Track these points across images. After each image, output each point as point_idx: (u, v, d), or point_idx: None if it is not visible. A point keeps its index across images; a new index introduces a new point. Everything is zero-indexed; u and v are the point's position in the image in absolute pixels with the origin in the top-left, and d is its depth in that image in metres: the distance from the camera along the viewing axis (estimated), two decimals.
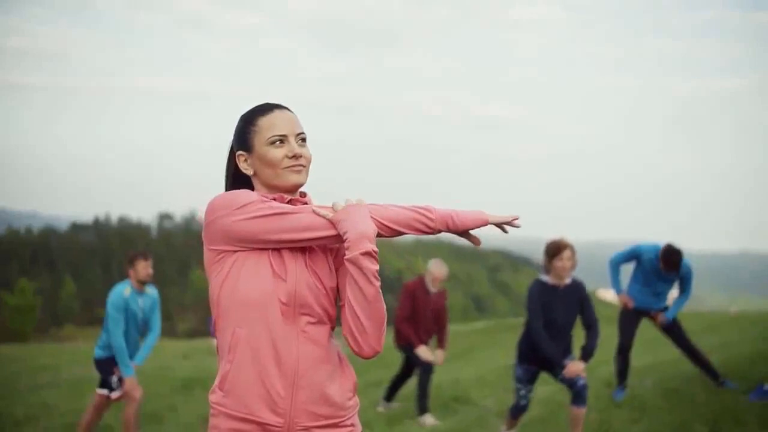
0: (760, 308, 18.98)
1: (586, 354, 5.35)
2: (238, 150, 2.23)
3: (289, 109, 2.23)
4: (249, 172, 2.21)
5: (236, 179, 2.27)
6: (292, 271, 2.10)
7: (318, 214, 2.09)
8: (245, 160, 2.21)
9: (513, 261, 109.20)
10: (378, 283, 2.06)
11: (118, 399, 6.23)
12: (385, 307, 2.10)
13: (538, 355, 5.38)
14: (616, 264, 7.03)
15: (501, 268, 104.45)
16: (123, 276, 6.45)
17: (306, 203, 2.21)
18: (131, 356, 6.20)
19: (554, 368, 5.39)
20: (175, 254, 66.82)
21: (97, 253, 69.41)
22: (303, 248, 2.13)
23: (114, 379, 6.15)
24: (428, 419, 7.12)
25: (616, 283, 7.09)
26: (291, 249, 2.11)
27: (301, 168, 2.17)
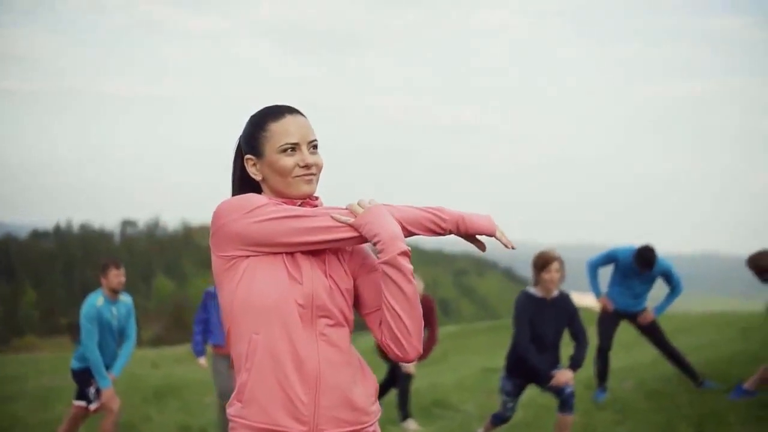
0: (726, 309, 19.26)
1: (575, 364, 5.32)
2: (247, 154, 2.15)
3: (301, 114, 2.15)
4: (258, 177, 2.14)
5: (243, 183, 2.19)
6: (308, 274, 2.03)
7: (336, 219, 2.02)
8: (254, 165, 2.14)
9: (479, 265, 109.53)
10: (414, 283, 2.02)
11: (96, 411, 6.09)
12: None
13: (527, 368, 5.34)
14: (593, 267, 7.06)
15: (466, 272, 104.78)
16: (85, 284, 6.37)
17: (316, 207, 2.14)
18: (108, 367, 6.07)
19: (541, 380, 5.35)
20: (138, 261, 65.81)
21: (58, 260, 68.19)
22: (318, 251, 2.07)
23: (92, 390, 6.02)
24: (411, 425, 7.07)
25: (594, 287, 7.12)
26: (305, 252, 2.05)
27: (312, 177, 2.11)
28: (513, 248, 2.22)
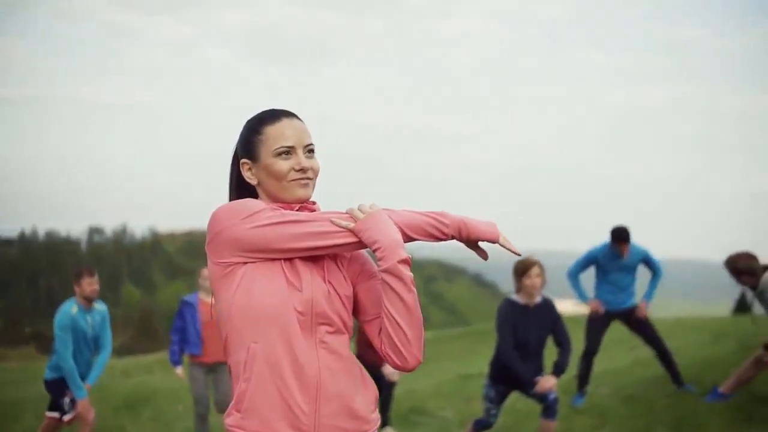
0: (694, 314, 19.51)
1: (559, 370, 5.32)
2: (242, 158, 2.12)
3: (297, 117, 2.12)
4: (253, 181, 2.11)
5: (240, 188, 2.15)
6: (307, 281, 1.99)
7: (335, 224, 1.99)
8: (249, 169, 2.10)
9: (447, 271, 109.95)
10: (415, 291, 1.99)
11: (70, 422, 5.97)
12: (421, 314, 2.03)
13: (511, 375, 5.33)
14: (575, 274, 7.10)
15: (435, 278, 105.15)
16: (51, 293, 6.28)
17: (314, 211, 2.11)
18: (83, 376, 5.96)
19: (525, 387, 5.34)
20: (105, 269, 65.10)
21: (22, 269, 67.18)
22: (317, 257, 2.03)
23: (66, 401, 5.90)
24: None
25: (580, 293, 7.16)
26: (304, 258, 2.01)
27: (308, 181, 2.07)
28: (519, 255, 2.18)
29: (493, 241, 2.14)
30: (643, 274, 7.22)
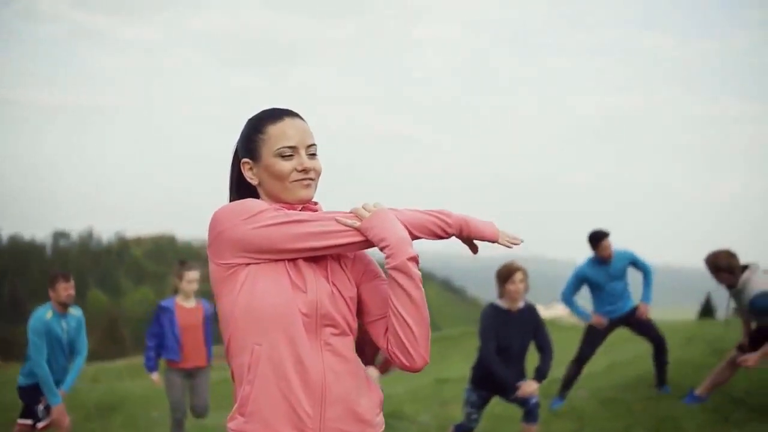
0: (658, 317, 19.72)
1: (540, 375, 5.33)
2: (243, 157, 2.08)
3: (300, 117, 2.09)
4: (254, 181, 2.07)
5: (241, 188, 2.12)
6: (312, 281, 1.96)
7: (341, 222, 1.96)
8: (250, 169, 2.07)
9: None
10: (423, 289, 1.97)
11: (45, 428, 5.86)
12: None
13: (493, 380, 5.33)
14: (569, 297, 7.15)
15: None
16: (15, 298, 6.13)
17: (317, 212, 2.08)
18: (58, 382, 5.85)
19: (507, 392, 5.35)
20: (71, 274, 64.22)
21: None
22: (320, 258, 2.01)
23: (40, 408, 5.78)
24: None
25: (580, 313, 7.20)
26: (307, 259, 1.98)
27: (310, 182, 2.04)
28: (520, 242, 2.16)
29: (494, 241, 2.13)
30: (634, 278, 7.25)
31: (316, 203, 2.11)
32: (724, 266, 5.79)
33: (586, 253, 7.22)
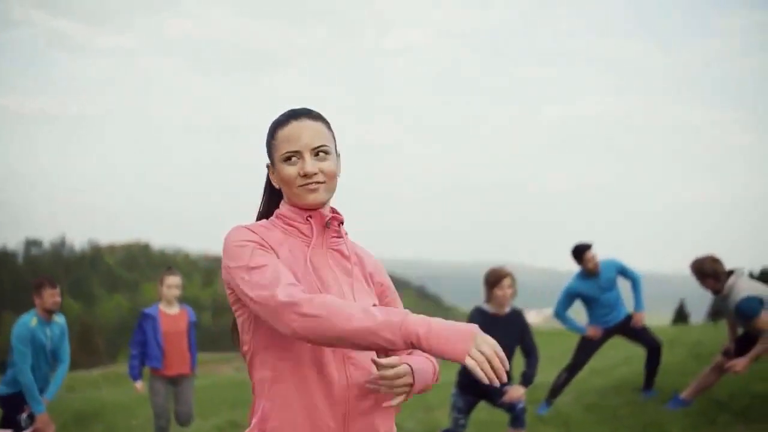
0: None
1: (527, 380, 5.34)
2: (268, 162, 2.06)
3: (311, 117, 2.00)
4: (277, 186, 2.04)
5: (272, 192, 2.10)
6: (337, 294, 1.93)
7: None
8: (272, 173, 2.04)
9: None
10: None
11: None
12: None
13: (479, 384, 5.32)
14: (562, 314, 7.18)
15: None
16: None
17: (341, 222, 2.04)
18: (41, 391, 5.76)
19: (493, 397, 5.35)
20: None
21: None
22: (346, 271, 1.99)
23: (23, 416, 5.68)
24: None
25: (575, 327, 7.24)
26: (331, 271, 1.97)
27: (317, 186, 1.95)
28: (500, 378, 1.68)
29: (461, 362, 1.68)
30: (622, 285, 7.28)
31: (338, 214, 2.05)
32: (709, 272, 5.83)
33: (561, 259, 7.25)
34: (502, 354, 1.67)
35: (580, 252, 6.96)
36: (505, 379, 1.68)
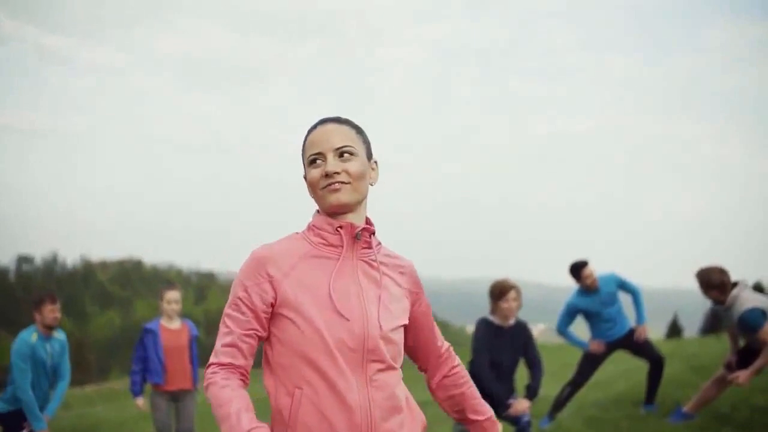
0: None
1: (532, 392, 5.34)
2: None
3: (337, 121, 2.00)
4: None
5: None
6: (359, 313, 1.89)
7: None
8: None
9: None
10: None
11: None
12: None
13: (485, 395, 5.29)
14: (564, 329, 7.19)
15: None
16: None
17: (372, 233, 2.00)
18: (42, 407, 5.73)
19: (498, 408, 5.34)
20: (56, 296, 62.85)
21: None
22: (375, 282, 1.95)
23: None
24: None
25: (578, 342, 7.26)
26: (359, 284, 1.93)
27: (338, 185, 1.90)
28: None
29: None
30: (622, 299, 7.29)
31: (368, 222, 2.02)
32: (716, 283, 5.82)
33: (554, 274, 7.29)
34: None
35: (577, 269, 6.97)
36: None
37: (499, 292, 5.30)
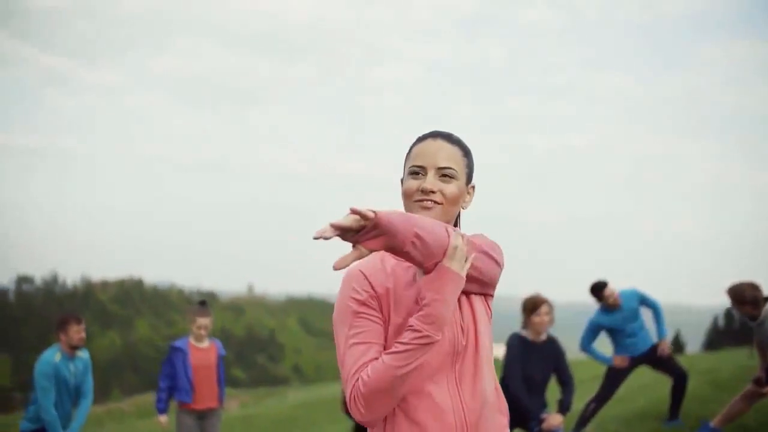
0: None
1: (564, 407, 5.36)
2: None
3: (449, 140, 2.01)
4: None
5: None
6: (451, 321, 1.88)
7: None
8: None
9: None
10: None
11: None
12: None
13: (516, 411, 5.31)
14: (588, 345, 7.20)
15: None
16: None
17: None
18: (64, 426, 5.73)
19: (531, 423, 5.34)
20: (35, 319, 62.66)
21: None
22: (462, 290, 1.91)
23: None
24: None
25: (601, 358, 7.27)
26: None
27: (432, 204, 1.92)
28: None
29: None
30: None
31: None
32: (749, 299, 5.83)
33: (554, 290, 7.30)
34: None
35: (598, 290, 7.01)
36: None
37: (532, 306, 5.33)
